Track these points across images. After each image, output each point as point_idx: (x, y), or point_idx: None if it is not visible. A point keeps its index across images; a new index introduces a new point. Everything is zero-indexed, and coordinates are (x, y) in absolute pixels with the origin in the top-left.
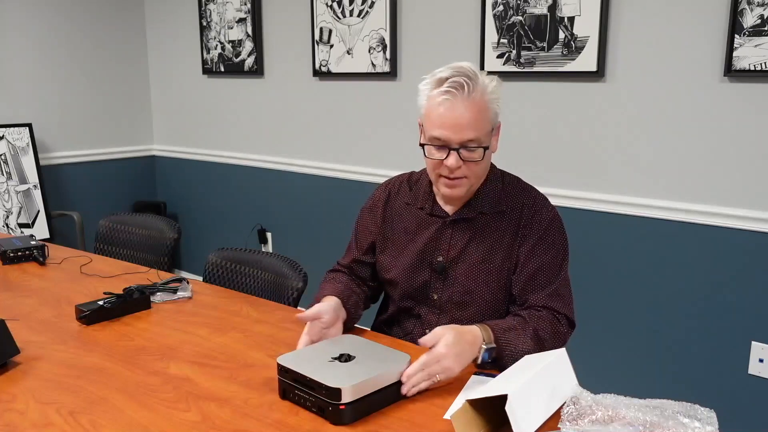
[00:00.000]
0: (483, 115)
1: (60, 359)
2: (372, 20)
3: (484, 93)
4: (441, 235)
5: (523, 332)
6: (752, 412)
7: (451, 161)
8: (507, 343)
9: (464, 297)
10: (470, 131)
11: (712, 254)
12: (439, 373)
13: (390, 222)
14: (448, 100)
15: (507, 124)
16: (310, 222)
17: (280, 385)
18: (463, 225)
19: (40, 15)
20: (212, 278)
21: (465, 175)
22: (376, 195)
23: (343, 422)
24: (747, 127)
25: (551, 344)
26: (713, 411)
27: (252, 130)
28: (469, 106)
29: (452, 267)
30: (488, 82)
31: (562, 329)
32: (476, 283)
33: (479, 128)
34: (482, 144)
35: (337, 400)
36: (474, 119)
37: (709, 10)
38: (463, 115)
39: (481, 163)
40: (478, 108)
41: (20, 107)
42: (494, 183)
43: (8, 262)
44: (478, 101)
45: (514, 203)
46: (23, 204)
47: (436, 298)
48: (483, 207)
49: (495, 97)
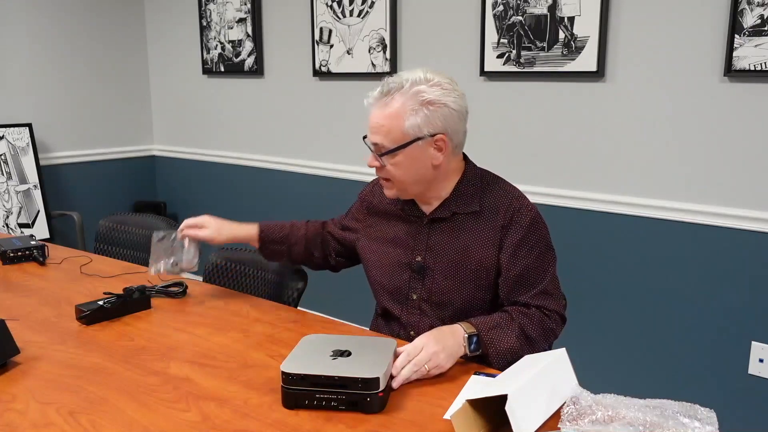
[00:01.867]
0: (392, 122)
1: (60, 359)
2: (372, 20)
3: (405, 102)
4: (419, 235)
5: (508, 329)
6: (752, 412)
7: (369, 160)
8: (491, 342)
9: (442, 297)
10: (375, 135)
11: (712, 254)
12: (426, 361)
13: (373, 222)
14: (370, 103)
15: (507, 125)
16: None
17: (289, 395)
18: (440, 225)
19: (40, 14)
20: (212, 278)
21: (387, 177)
22: (365, 190)
23: (380, 410)
24: (747, 127)
25: (541, 342)
26: (713, 411)
27: (252, 130)
28: (380, 112)
29: (430, 267)
30: (428, 95)
31: (551, 325)
32: (453, 283)
33: (384, 135)
34: (386, 149)
35: (375, 390)
36: (380, 125)
37: (709, 10)
38: (373, 118)
39: (392, 169)
40: (388, 115)
41: (20, 107)
42: (470, 183)
43: (8, 262)
44: (390, 109)
45: (492, 203)
46: (23, 204)
47: (415, 298)
48: (456, 207)
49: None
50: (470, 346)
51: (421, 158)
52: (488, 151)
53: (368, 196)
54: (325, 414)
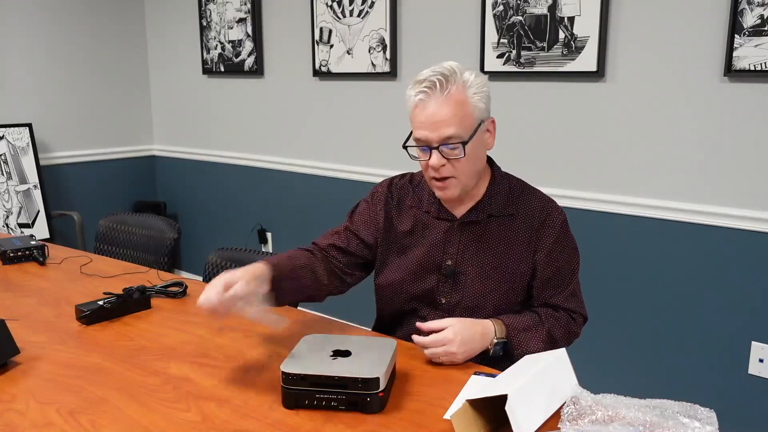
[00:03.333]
0: (462, 109)
1: (60, 359)
2: (372, 20)
3: (463, 88)
4: (449, 238)
5: (536, 333)
6: (752, 412)
7: (434, 160)
8: (519, 344)
9: (475, 301)
10: (448, 128)
11: (712, 254)
12: (441, 356)
13: (391, 223)
14: (423, 100)
15: (507, 125)
16: (310, 222)
17: (289, 395)
18: (472, 228)
19: (40, 15)
20: (212, 278)
21: (452, 174)
22: (379, 191)
23: (380, 410)
24: (747, 127)
25: (563, 344)
26: (713, 411)
27: (252, 130)
28: (444, 103)
29: (462, 271)
30: (471, 78)
31: (575, 329)
32: (489, 288)
33: (458, 124)
34: (462, 140)
35: (375, 390)
36: (451, 115)
37: (709, 10)
38: (439, 112)
39: (465, 161)
40: (456, 103)
41: (20, 107)
42: (501, 185)
43: (8, 262)
44: (456, 97)
45: (525, 206)
46: (23, 204)
47: (444, 302)
48: (492, 209)
49: (478, 91)
50: (495, 348)
51: (481, 144)
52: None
53: (384, 195)
54: (325, 414)
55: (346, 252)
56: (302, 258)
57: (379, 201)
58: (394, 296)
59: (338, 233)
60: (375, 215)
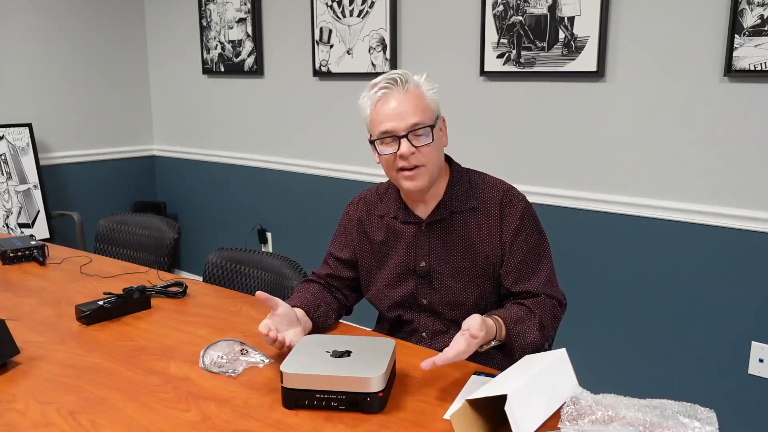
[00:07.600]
0: (422, 102)
1: (60, 359)
2: (372, 20)
3: (418, 86)
4: (418, 240)
5: (530, 323)
6: (752, 412)
7: (404, 148)
8: (516, 335)
9: (454, 297)
10: (413, 116)
11: (712, 254)
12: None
13: (366, 237)
14: (386, 93)
15: (507, 124)
16: (310, 222)
17: (289, 396)
18: (439, 227)
19: (40, 15)
20: (212, 278)
21: (421, 163)
22: (350, 213)
23: (380, 410)
24: (747, 127)
25: (551, 329)
26: (713, 411)
27: (252, 130)
28: (405, 95)
29: (436, 270)
30: (422, 80)
31: (559, 314)
32: (463, 282)
33: (421, 113)
34: (429, 125)
35: (375, 390)
36: (414, 105)
37: (709, 10)
38: (402, 103)
39: (432, 148)
40: (415, 96)
41: (20, 107)
42: (461, 181)
43: (8, 262)
44: (414, 92)
45: (486, 198)
46: (23, 204)
47: (425, 302)
48: (454, 206)
49: (431, 89)
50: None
51: (440, 139)
52: (488, 151)
53: (356, 213)
54: (325, 414)
55: (336, 277)
56: (314, 291)
57: (350, 220)
58: (381, 305)
59: (325, 261)
60: (349, 235)
